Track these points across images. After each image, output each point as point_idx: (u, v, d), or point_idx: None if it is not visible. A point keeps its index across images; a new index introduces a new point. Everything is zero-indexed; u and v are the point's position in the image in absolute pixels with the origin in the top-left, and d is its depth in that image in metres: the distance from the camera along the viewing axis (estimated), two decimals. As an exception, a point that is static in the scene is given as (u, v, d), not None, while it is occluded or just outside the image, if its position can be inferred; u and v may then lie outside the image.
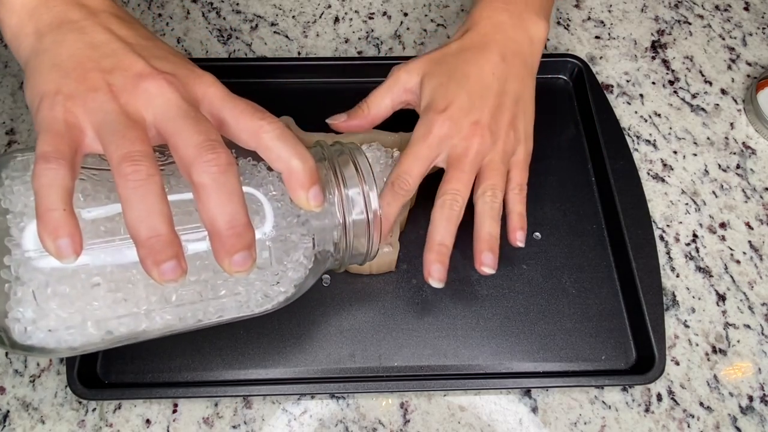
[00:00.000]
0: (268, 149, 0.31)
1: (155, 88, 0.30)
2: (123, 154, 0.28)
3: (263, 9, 0.62)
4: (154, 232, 0.27)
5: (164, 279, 0.27)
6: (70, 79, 0.30)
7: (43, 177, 0.27)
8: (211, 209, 0.28)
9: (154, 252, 0.27)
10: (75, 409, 0.42)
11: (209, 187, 0.28)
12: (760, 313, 0.47)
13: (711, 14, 0.63)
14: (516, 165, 0.45)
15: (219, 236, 0.28)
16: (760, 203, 0.52)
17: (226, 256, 0.28)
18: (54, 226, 0.26)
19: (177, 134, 0.29)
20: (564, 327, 0.45)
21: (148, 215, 0.27)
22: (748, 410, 0.44)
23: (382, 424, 0.43)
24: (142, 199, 0.27)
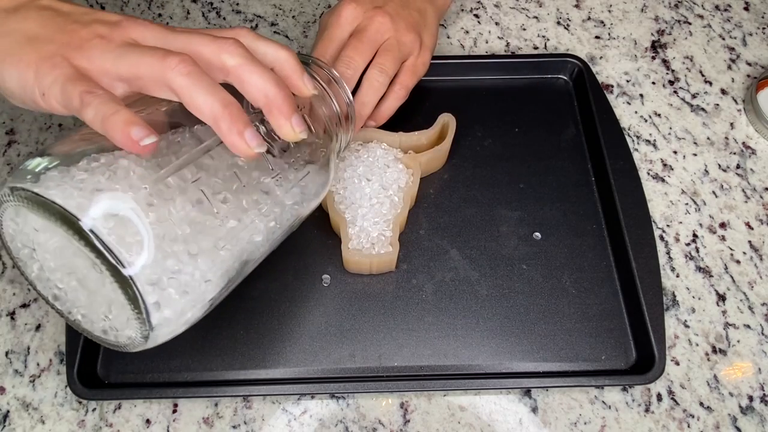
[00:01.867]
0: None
1: (139, 26, 0.31)
2: (160, 57, 0.29)
3: (263, 9, 0.62)
4: (226, 101, 0.29)
5: (248, 144, 0.29)
6: (58, 41, 0.31)
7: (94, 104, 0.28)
8: (258, 82, 0.30)
9: (234, 120, 0.29)
10: (75, 409, 0.43)
11: (242, 64, 0.30)
12: (760, 313, 0.47)
13: (711, 14, 0.63)
14: (408, 68, 0.47)
15: (274, 103, 0.30)
16: (760, 203, 0.52)
17: (287, 120, 0.31)
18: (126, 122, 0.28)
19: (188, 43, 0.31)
20: (564, 327, 0.45)
21: (214, 91, 0.29)
22: (748, 410, 0.44)
23: (382, 424, 0.43)
24: (201, 79, 0.29)
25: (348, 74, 0.44)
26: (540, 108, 0.55)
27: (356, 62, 0.44)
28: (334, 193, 0.47)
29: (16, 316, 0.46)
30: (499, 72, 0.56)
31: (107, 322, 0.32)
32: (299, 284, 0.46)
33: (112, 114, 0.28)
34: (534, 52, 0.60)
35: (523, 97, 0.56)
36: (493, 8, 0.62)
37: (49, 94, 0.30)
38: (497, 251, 0.48)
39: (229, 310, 0.45)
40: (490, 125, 0.54)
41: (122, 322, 0.31)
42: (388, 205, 0.46)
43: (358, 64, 0.44)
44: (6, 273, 0.47)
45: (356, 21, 0.46)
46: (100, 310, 0.32)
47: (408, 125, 0.50)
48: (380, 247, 0.45)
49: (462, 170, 0.52)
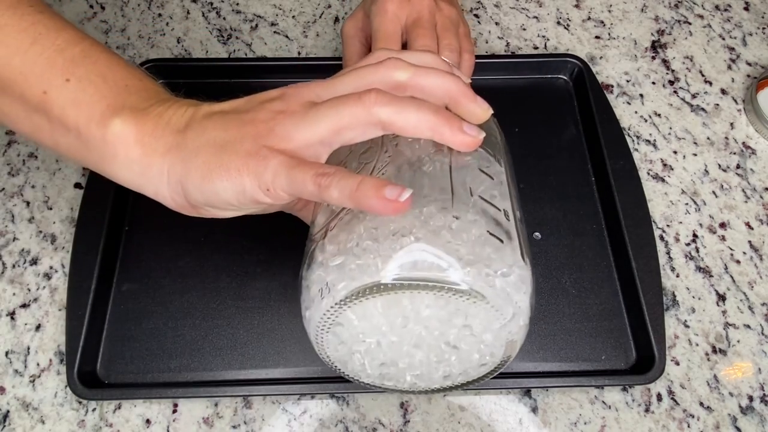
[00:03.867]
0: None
1: (301, 88, 0.32)
2: (354, 100, 0.29)
3: (263, 9, 0.62)
4: (434, 108, 0.30)
5: (471, 136, 0.30)
6: (247, 136, 0.30)
7: (333, 184, 0.28)
8: (435, 81, 0.31)
9: (451, 121, 0.30)
10: (75, 409, 0.43)
11: (417, 72, 0.31)
12: (760, 313, 0.47)
13: (711, 14, 0.63)
14: (464, 37, 0.47)
15: (459, 93, 0.31)
16: (760, 203, 0.52)
17: (474, 103, 0.31)
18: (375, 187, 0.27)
19: (361, 77, 0.31)
20: (564, 327, 0.45)
21: (419, 105, 0.29)
22: (748, 410, 0.44)
23: (382, 424, 0.43)
24: (402, 103, 0.29)
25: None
26: (540, 108, 0.55)
27: (433, 48, 0.44)
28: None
29: (16, 316, 0.46)
30: (499, 72, 0.56)
31: (449, 365, 0.32)
32: (299, 284, 0.46)
33: (358, 186, 0.27)
34: (534, 52, 0.60)
35: (523, 97, 0.56)
36: (493, 8, 0.62)
37: (275, 187, 0.29)
38: (497, 251, 0.48)
39: (229, 310, 0.45)
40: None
41: (475, 343, 0.31)
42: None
43: (435, 50, 0.45)
44: (6, 273, 0.47)
45: (404, 11, 0.45)
46: (442, 355, 0.32)
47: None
48: None
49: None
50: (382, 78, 0.31)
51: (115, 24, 0.60)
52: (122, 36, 0.59)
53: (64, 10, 0.61)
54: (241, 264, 0.47)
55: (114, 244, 0.47)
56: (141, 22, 0.60)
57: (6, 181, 0.51)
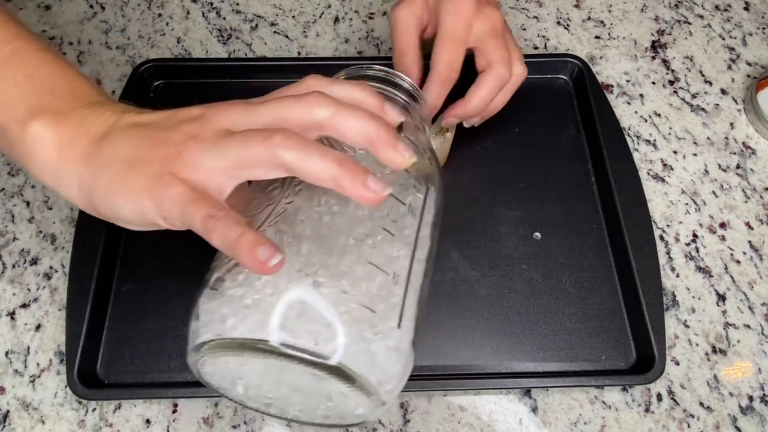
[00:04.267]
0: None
1: (220, 110, 0.31)
2: (261, 139, 0.28)
3: (263, 9, 0.62)
4: (339, 158, 0.28)
5: (374, 192, 0.28)
6: (157, 157, 0.30)
7: (218, 230, 0.28)
8: (354, 124, 0.30)
9: (354, 174, 0.28)
10: (75, 409, 0.43)
11: (335, 113, 0.29)
12: (760, 313, 0.47)
13: (711, 14, 0.63)
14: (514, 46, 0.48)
15: (376, 139, 0.30)
16: (760, 203, 0.52)
17: (393, 150, 0.30)
18: (251, 244, 0.27)
19: (278, 110, 0.30)
20: (564, 327, 0.45)
21: (324, 154, 0.28)
22: (748, 410, 0.44)
23: (382, 424, 0.43)
24: (307, 148, 0.28)
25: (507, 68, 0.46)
26: (540, 108, 0.55)
27: (508, 62, 0.46)
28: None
29: (16, 316, 0.46)
30: (499, 72, 0.56)
31: (328, 409, 0.32)
32: (299, 284, 0.46)
33: (237, 238, 0.27)
34: (534, 52, 0.60)
35: (523, 97, 0.56)
36: (493, 8, 0.62)
37: (170, 217, 0.29)
38: (497, 251, 0.48)
39: (229, 310, 0.45)
40: (490, 125, 0.54)
41: (349, 404, 0.31)
42: (388, 205, 0.46)
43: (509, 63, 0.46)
44: (6, 273, 0.47)
45: (476, 18, 0.45)
46: (320, 401, 0.32)
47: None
48: None
49: (462, 170, 0.52)
50: (300, 115, 0.30)
51: (115, 24, 0.60)
52: (122, 36, 0.59)
53: (64, 10, 0.61)
54: (241, 264, 0.47)
55: (114, 244, 0.47)
56: (141, 22, 0.60)
57: (6, 181, 0.51)
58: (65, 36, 0.59)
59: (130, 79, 0.54)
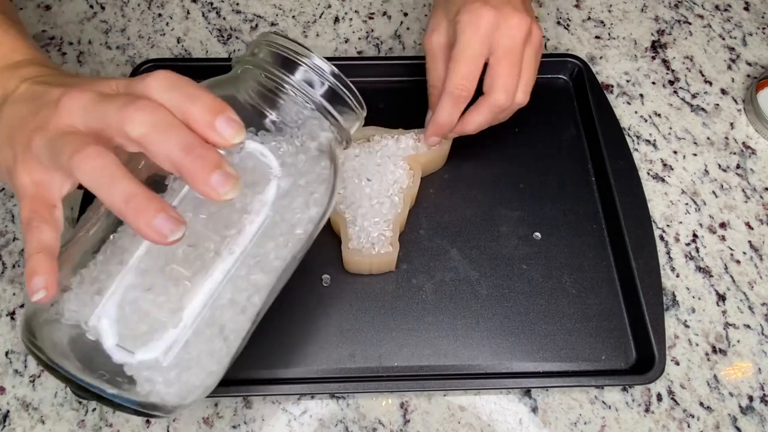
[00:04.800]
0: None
1: (69, 100, 0.30)
2: (68, 154, 0.28)
3: (263, 9, 0.62)
4: (128, 193, 0.27)
5: (163, 233, 0.27)
6: (16, 141, 0.31)
7: (29, 242, 0.30)
8: (162, 149, 0.27)
9: (139, 211, 0.27)
10: (75, 409, 0.42)
11: (146, 132, 0.27)
12: (760, 313, 0.47)
13: (711, 14, 0.63)
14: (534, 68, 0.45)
15: (183, 168, 0.27)
16: (760, 203, 0.52)
17: (203, 185, 0.27)
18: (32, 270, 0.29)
19: (101, 116, 0.29)
20: (564, 327, 0.45)
21: (114, 183, 0.27)
22: (748, 410, 0.44)
23: (382, 424, 0.43)
24: (101, 174, 0.27)
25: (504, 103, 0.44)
26: (540, 108, 0.55)
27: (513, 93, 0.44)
28: (334, 193, 0.47)
29: (16, 316, 0.46)
30: (499, 72, 0.56)
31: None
32: (299, 284, 0.46)
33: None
34: (534, 52, 0.60)
35: (523, 97, 0.56)
36: (493, 8, 0.62)
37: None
38: (497, 251, 0.48)
39: (229, 310, 0.45)
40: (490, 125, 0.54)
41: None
42: (388, 205, 0.46)
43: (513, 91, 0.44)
44: (6, 273, 0.47)
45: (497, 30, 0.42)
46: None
47: (409, 124, 0.50)
48: (380, 247, 0.45)
49: (462, 170, 0.52)
50: (118, 125, 0.28)
51: (115, 24, 0.60)
52: (122, 36, 0.59)
53: (64, 10, 0.61)
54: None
55: (114, 244, 0.47)
56: (141, 22, 0.60)
57: (6, 181, 0.51)
58: (65, 36, 0.59)
59: (130, 79, 0.54)
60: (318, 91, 0.35)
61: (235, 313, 0.34)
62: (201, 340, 0.32)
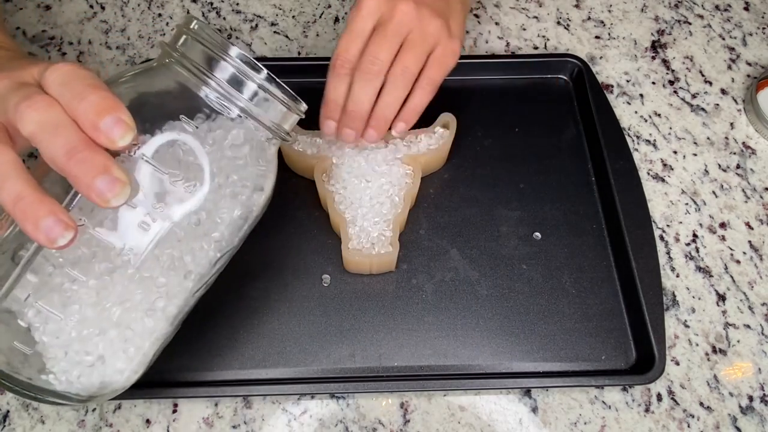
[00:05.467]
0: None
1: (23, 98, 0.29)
2: None
3: (263, 9, 0.62)
4: (16, 195, 0.26)
5: (51, 238, 0.26)
6: None
7: None
8: (47, 151, 0.27)
9: (27, 214, 0.26)
10: (75, 409, 0.42)
11: (35, 131, 0.27)
12: (760, 313, 0.47)
13: (711, 14, 0.63)
14: (435, 60, 0.44)
15: (68, 172, 0.26)
16: (760, 203, 0.52)
17: (87, 190, 0.26)
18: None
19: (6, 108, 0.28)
20: (564, 327, 0.45)
21: (4, 182, 0.26)
22: (748, 410, 0.44)
23: (382, 424, 0.43)
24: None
25: (374, 71, 0.42)
26: (540, 108, 0.55)
27: (381, 58, 0.42)
28: (334, 193, 0.47)
29: (16, 316, 0.46)
30: (499, 72, 0.56)
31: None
32: (299, 284, 0.46)
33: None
34: (534, 52, 0.60)
35: (523, 97, 0.56)
36: (493, 8, 0.62)
37: None
38: (497, 251, 0.48)
39: (228, 310, 0.45)
40: (490, 125, 0.54)
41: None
42: (388, 205, 0.46)
43: (383, 60, 0.43)
44: (6, 273, 0.47)
45: (379, 12, 0.43)
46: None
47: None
48: (380, 247, 0.45)
49: (462, 170, 0.52)
50: (13, 119, 0.27)
51: (115, 24, 0.60)
52: (122, 36, 0.59)
53: (64, 10, 0.61)
54: (241, 264, 0.47)
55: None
56: (141, 22, 0.60)
57: (6, 181, 0.51)
58: (65, 36, 0.59)
59: (130, 79, 0.54)
60: (244, 90, 0.32)
61: (140, 315, 0.33)
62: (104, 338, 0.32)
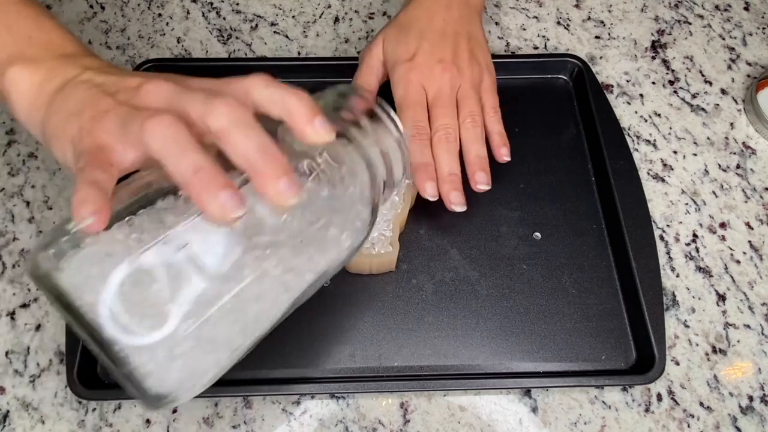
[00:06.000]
0: (262, 100, 0.31)
1: (154, 86, 0.31)
2: (142, 120, 0.28)
3: (263, 9, 0.62)
4: (197, 165, 0.27)
5: (225, 210, 0.27)
6: (86, 114, 0.31)
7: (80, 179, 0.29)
8: (239, 146, 0.28)
9: (206, 184, 0.27)
10: (75, 409, 0.43)
11: (227, 126, 0.28)
12: (760, 313, 0.47)
13: (711, 14, 0.63)
14: (486, 91, 0.49)
15: (256, 167, 0.28)
16: (760, 203, 0.52)
17: (271, 183, 0.28)
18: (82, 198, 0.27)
19: (185, 103, 0.30)
20: (564, 327, 0.45)
21: (184, 153, 0.27)
22: (748, 410, 0.44)
23: (382, 424, 0.43)
24: (174, 142, 0.28)
25: (451, 139, 0.46)
26: (540, 108, 0.55)
27: (451, 125, 0.46)
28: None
29: (16, 316, 0.46)
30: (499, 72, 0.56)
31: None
32: (299, 284, 0.46)
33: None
34: (534, 52, 0.60)
35: (523, 97, 0.56)
36: (493, 8, 0.62)
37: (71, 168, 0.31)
38: (497, 251, 0.48)
39: (229, 310, 0.45)
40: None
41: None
42: (388, 205, 0.46)
43: (453, 125, 0.46)
44: (6, 273, 0.47)
45: (426, 83, 0.47)
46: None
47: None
48: (380, 247, 0.45)
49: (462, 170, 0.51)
50: (201, 113, 0.29)
51: (115, 24, 0.60)
52: (122, 36, 0.59)
53: (64, 10, 0.61)
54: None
55: (114, 244, 0.47)
56: (141, 22, 0.60)
57: (6, 181, 0.51)
58: (65, 36, 0.59)
59: (130, 79, 0.54)
60: (387, 140, 0.37)
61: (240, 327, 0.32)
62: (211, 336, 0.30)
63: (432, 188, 0.45)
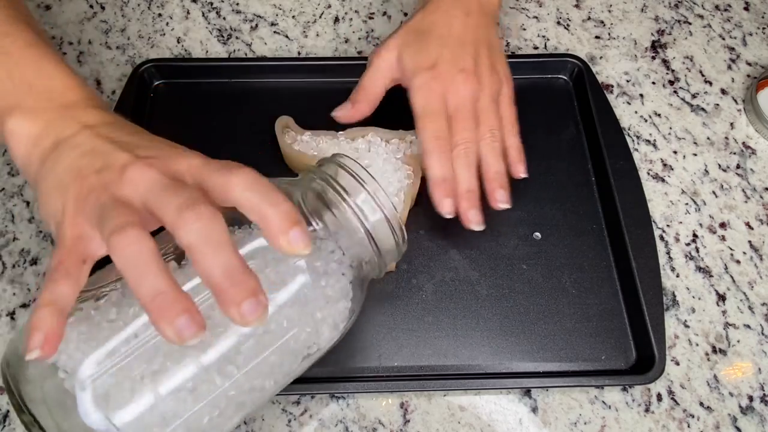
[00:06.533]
0: (239, 203, 0.29)
1: (137, 173, 0.30)
2: (110, 229, 0.28)
3: (263, 9, 0.62)
4: (156, 290, 0.26)
5: (182, 337, 0.26)
6: (70, 192, 0.31)
7: (43, 293, 0.29)
8: (204, 264, 0.27)
9: (163, 311, 0.26)
10: (75, 409, 0.42)
11: (196, 244, 0.27)
12: (760, 313, 0.47)
13: (711, 14, 0.63)
14: (504, 102, 0.48)
15: (219, 289, 0.27)
16: (760, 203, 0.52)
17: (233, 307, 0.27)
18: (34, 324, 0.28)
19: (160, 205, 0.29)
20: (564, 327, 0.45)
21: (145, 275, 0.27)
22: (748, 410, 0.44)
23: (382, 424, 0.43)
24: (135, 262, 0.27)
25: (470, 153, 0.45)
26: (540, 108, 0.55)
27: (471, 139, 0.45)
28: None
29: (16, 316, 0.46)
30: (499, 72, 0.56)
31: None
32: (299, 284, 0.46)
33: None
34: (534, 52, 0.60)
35: (523, 97, 0.56)
36: (493, 8, 0.62)
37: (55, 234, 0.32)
38: (497, 251, 0.48)
39: (229, 310, 0.45)
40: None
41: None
42: (388, 205, 0.46)
43: (473, 139, 0.45)
44: (6, 273, 0.47)
45: (447, 92, 0.46)
46: None
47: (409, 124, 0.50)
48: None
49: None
50: (172, 224, 0.28)
51: (115, 24, 0.60)
52: (122, 36, 0.59)
53: (64, 10, 0.61)
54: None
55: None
56: (141, 22, 0.60)
57: (6, 181, 0.51)
58: (65, 36, 0.59)
59: (130, 79, 0.54)
60: (371, 217, 0.36)
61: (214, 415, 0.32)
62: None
63: (449, 205, 0.44)
